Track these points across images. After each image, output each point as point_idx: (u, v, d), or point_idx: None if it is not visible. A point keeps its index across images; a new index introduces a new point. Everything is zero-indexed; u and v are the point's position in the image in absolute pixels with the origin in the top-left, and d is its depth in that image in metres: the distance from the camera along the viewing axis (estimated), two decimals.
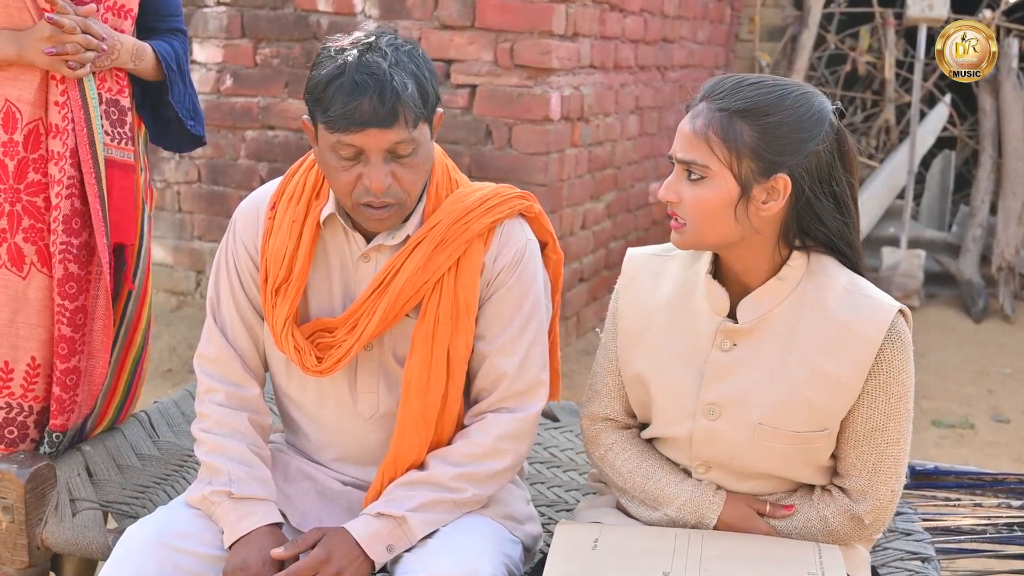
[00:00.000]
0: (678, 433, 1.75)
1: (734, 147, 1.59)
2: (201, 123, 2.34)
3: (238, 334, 1.87)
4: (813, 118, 1.61)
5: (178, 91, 2.25)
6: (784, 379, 1.67)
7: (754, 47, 6.93)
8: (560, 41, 4.25)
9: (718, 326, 1.70)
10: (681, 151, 1.63)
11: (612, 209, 5.18)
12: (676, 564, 1.60)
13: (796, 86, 1.64)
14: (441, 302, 1.76)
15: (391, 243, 1.78)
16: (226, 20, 4.70)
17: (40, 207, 2.09)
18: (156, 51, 2.20)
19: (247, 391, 1.87)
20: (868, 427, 1.67)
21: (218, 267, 1.89)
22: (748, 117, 1.59)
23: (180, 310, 5.01)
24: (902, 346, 1.65)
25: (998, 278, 6.10)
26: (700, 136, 1.61)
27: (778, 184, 1.60)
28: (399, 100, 1.62)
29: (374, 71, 1.62)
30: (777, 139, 1.59)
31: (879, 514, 1.70)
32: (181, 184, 4.95)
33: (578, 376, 4.35)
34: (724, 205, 1.61)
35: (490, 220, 1.78)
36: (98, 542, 1.98)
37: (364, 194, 1.67)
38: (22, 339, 2.11)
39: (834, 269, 1.69)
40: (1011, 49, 6.51)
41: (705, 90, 1.65)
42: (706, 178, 1.61)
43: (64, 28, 2.00)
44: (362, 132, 1.62)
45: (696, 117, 1.62)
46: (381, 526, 1.71)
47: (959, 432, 4.34)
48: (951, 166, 6.79)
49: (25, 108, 2.06)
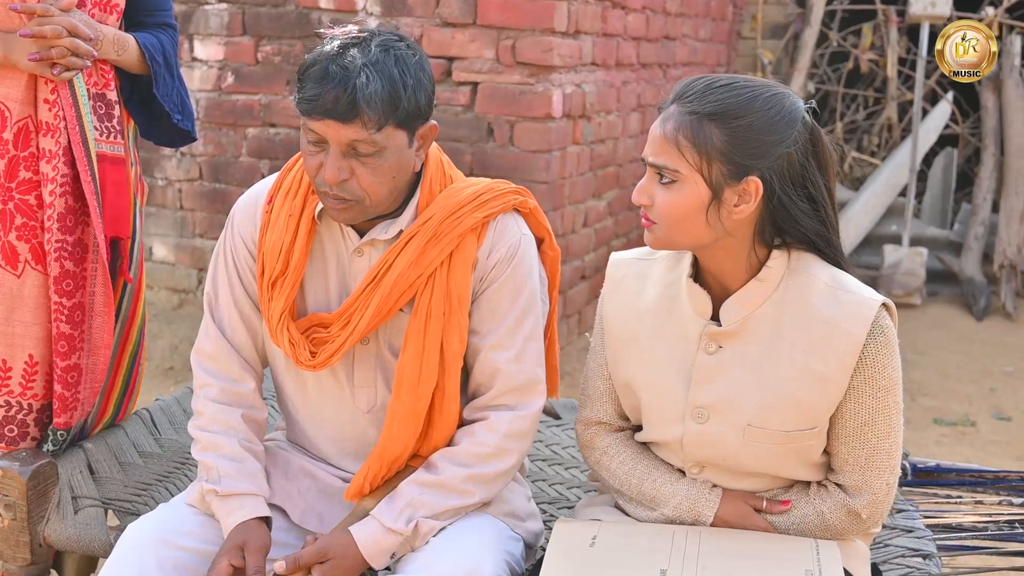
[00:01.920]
0: (669, 437, 1.75)
1: (704, 151, 1.58)
2: (191, 118, 2.32)
3: (236, 329, 1.87)
4: (784, 120, 1.59)
5: (164, 85, 2.22)
6: (771, 379, 1.66)
7: (756, 45, 6.93)
8: (562, 39, 4.25)
9: (703, 329, 1.69)
10: (652, 155, 1.62)
11: (614, 207, 5.18)
12: (674, 561, 1.61)
13: (767, 87, 1.62)
14: (433, 296, 1.76)
15: (384, 237, 1.78)
16: (227, 18, 4.70)
17: (32, 205, 2.09)
18: (140, 42, 2.17)
19: (242, 386, 1.87)
20: (857, 423, 1.67)
21: (216, 262, 1.90)
22: (718, 120, 1.58)
23: (181, 308, 5.01)
24: (886, 340, 1.64)
25: (1000, 276, 6.10)
26: (670, 140, 1.60)
27: (749, 187, 1.59)
28: (359, 98, 1.61)
29: (346, 65, 1.63)
30: (747, 142, 1.57)
31: (875, 508, 1.70)
32: (182, 182, 4.95)
33: (579, 374, 4.34)
34: (695, 209, 1.60)
35: (483, 215, 1.78)
36: (100, 540, 1.98)
37: (322, 181, 1.69)
38: (18, 337, 2.11)
39: (815, 266, 1.68)
40: (1013, 47, 6.50)
41: (676, 92, 1.64)
42: (677, 182, 1.60)
43: (46, 36, 1.97)
44: (321, 121, 1.64)
45: (667, 120, 1.61)
46: (390, 541, 1.72)
47: (960, 430, 4.34)
48: (953, 164, 6.79)
49: (14, 106, 2.05)
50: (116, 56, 2.14)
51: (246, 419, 1.86)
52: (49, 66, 2.01)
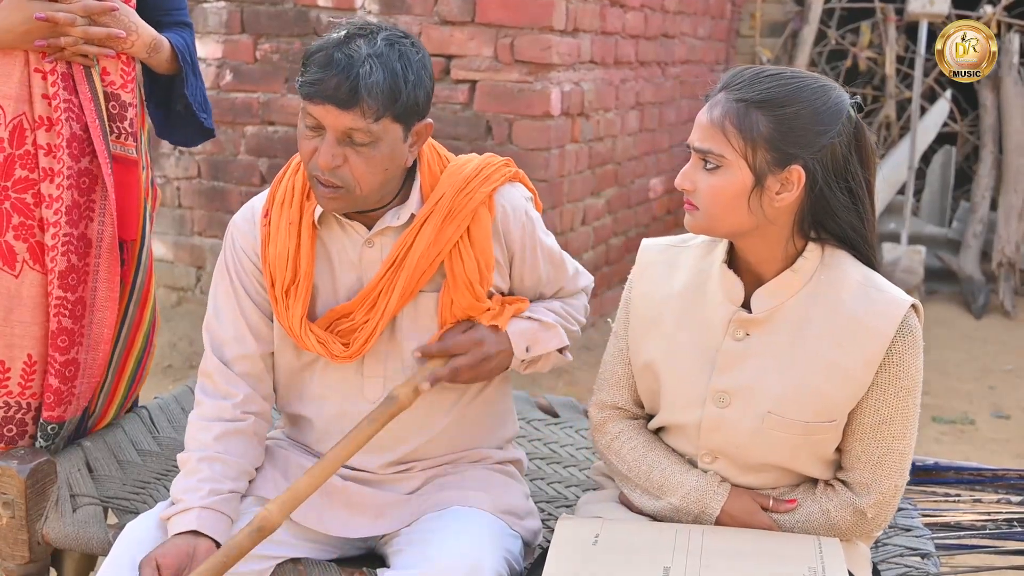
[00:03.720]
0: (687, 421, 1.76)
1: (749, 137, 1.60)
2: (211, 115, 2.34)
3: (243, 339, 1.87)
4: (830, 111, 1.61)
5: (191, 84, 2.24)
6: (795, 369, 1.68)
7: (755, 43, 6.93)
8: (561, 37, 4.25)
9: (732, 315, 1.72)
10: (698, 140, 1.65)
11: (612, 205, 5.18)
12: (677, 559, 1.61)
13: (814, 79, 1.65)
14: (465, 264, 1.82)
15: (396, 224, 1.81)
16: (226, 16, 4.70)
17: (29, 204, 2.08)
18: (172, 44, 2.18)
19: (235, 399, 1.86)
20: (875, 420, 1.68)
21: (216, 283, 1.91)
22: (765, 108, 1.60)
23: (180, 306, 5.01)
24: (913, 341, 1.66)
25: (999, 274, 6.10)
26: (717, 126, 1.62)
27: (792, 175, 1.61)
28: (361, 87, 1.65)
29: (351, 53, 1.66)
30: (792, 130, 1.60)
31: (881, 508, 1.71)
32: (181, 180, 4.95)
33: (578, 372, 4.34)
34: (738, 194, 1.62)
35: (490, 188, 1.85)
36: (98, 538, 1.98)
37: (315, 167, 1.72)
38: (17, 337, 2.10)
39: (848, 263, 1.71)
40: (1012, 45, 6.50)
41: (724, 81, 1.67)
42: (721, 167, 1.63)
43: (58, 22, 1.97)
44: (321, 106, 1.68)
45: (714, 107, 1.64)
46: (528, 326, 1.87)
47: (959, 428, 4.34)
48: (952, 162, 6.79)
49: (8, 104, 2.04)
50: (146, 56, 2.13)
51: (243, 431, 1.85)
52: (53, 53, 2.00)
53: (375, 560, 1.90)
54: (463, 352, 1.82)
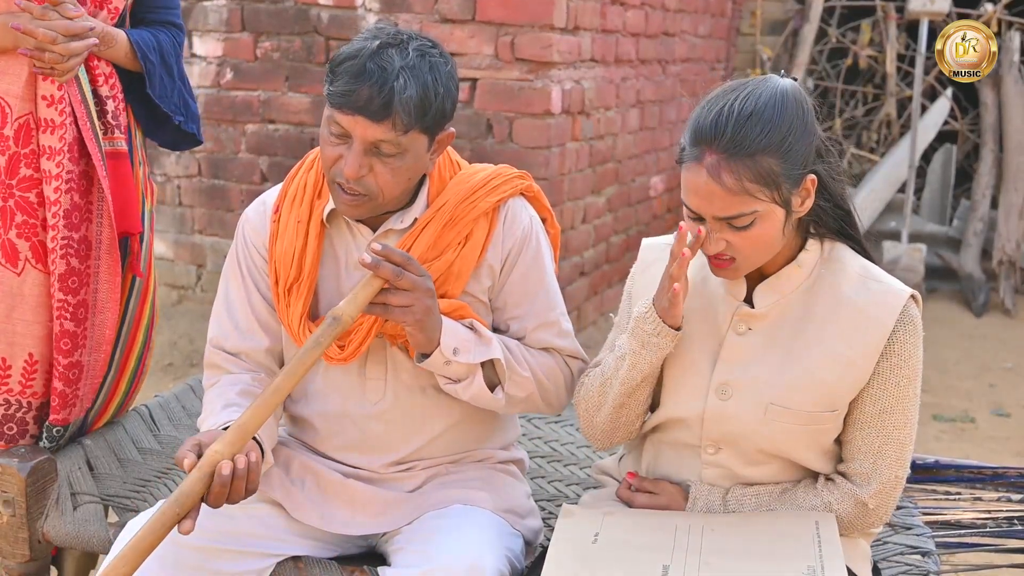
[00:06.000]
0: (689, 413, 1.76)
1: (772, 183, 1.60)
2: (195, 121, 2.28)
3: (254, 332, 1.88)
4: (801, 111, 1.62)
5: (161, 84, 2.18)
6: (797, 362, 1.69)
7: (755, 41, 6.92)
8: (561, 35, 4.24)
9: (734, 310, 1.73)
10: (720, 211, 1.61)
11: (613, 203, 5.18)
12: (676, 557, 1.61)
13: (769, 88, 1.61)
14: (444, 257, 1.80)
15: (399, 227, 1.81)
16: (226, 14, 4.69)
17: (33, 203, 2.08)
18: (131, 39, 2.12)
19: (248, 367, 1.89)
20: (876, 409, 1.70)
21: (227, 275, 1.91)
22: (768, 151, 1.59)
23: (181, 304, 5.02)
24: (914, 330, 1.69)
25: (999, 272, 6.10)
26: (736, 191, 1.59)
27: (808, 185, 1.65)
28: (394, 100, 1.63)
29: (384, 65, 1.64)
30: (796, 152, 1.61)
31: (883, 499, 1.72)
32: (181, 178, 4.95)
33: None
34: (777, 231, 1.64)
35: (495, 199, 1.83)
36: (99, 536, 1.98)
37: (339, 174, 1.71)
38: (18, 335, 2.11)
39: (847, 256, 1.74)
40: (1012, 43, 6.50)
41: (701, 138, 1.60)
42: (755, 221, 1.62)
43: (36, 36, 1.93)
44: (352, 117, 1.66)
45: (719, 173, 1.58)
46: (465, 333, 1.76)
47: (960, 426, 4.34)
48: (952, 160, 6.79)
49: (14, 103, 2.04)
50: (99, 51, 2.07)
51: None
52: (40, 65, 1.98)
53: (376, 558, 1.90)
54: (408, 288, 1.68)
